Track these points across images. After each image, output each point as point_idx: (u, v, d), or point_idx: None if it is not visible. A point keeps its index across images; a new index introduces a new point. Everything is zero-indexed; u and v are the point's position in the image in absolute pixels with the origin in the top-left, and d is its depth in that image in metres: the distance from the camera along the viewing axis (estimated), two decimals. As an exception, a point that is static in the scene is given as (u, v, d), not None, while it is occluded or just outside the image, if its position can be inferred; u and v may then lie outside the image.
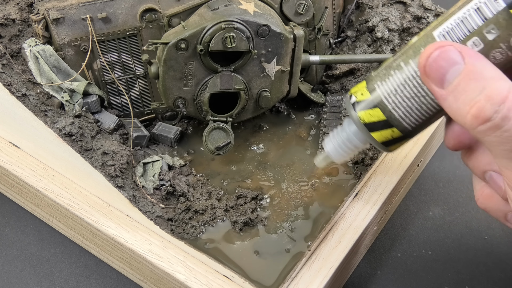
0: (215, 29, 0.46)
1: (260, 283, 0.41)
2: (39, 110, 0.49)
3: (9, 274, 0.49)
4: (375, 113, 0.38)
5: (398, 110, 0.37)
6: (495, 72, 0.31)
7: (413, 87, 0.36)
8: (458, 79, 0.31)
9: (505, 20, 0.32)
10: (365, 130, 0.39)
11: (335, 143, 0.43)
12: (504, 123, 0.30)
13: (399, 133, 0.39)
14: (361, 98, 0.39)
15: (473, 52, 0.32)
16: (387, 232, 0.52)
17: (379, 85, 0.38)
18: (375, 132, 0.39)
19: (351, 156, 0.43)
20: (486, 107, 0.30)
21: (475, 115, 0.30)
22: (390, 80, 0.37)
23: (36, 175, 0.47)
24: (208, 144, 0.50)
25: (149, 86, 0.53)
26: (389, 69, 0.38)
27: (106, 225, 0.44)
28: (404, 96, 0.37)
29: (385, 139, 0.39)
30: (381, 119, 0.38)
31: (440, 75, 0.32)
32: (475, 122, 0.30)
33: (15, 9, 0.53)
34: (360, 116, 0.39)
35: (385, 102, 0.38)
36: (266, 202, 0.48)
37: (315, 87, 0.57)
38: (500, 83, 0.30)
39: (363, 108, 0.39)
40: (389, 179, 0.47)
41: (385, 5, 0.58)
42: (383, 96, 0.38)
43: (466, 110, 0.31)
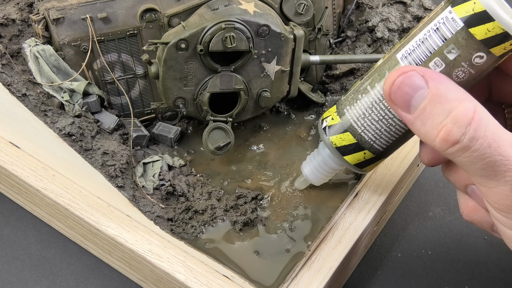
0: (215, 29, 0.46)
1: (260, 283, 0.41)
2: (39, 110, 0.49)
3: (9, 274, 0.49)
4: (345, 137, 0.39)
5: (367, 133, 0.38)
6: (459, 93, 0.31)
7: (380, 110, 0.37)
8: (423, 104, 0.32)
9: (464, 39, 0.32)
10: (338, 154, 0.40)
11: (312, 167, 0.44)
12: (472, 143, 0.30)
13: (371, 155, 0.39)
14: (332, 123, 0.40)
15: (435, 74, 0.32)
16: (387, 232, 0.52)
17: (348, 110, 0.39)
18: (348, 155, 0.40)
19: (329, 178, 0.45)
20: (453, 130, 0.30)
21: (443, 138, 0.31)
22: (358, 104, 0.38)
23: (36, 175, 0.47)
24: (208, 144, 0.50)
25: (149, 86, 0.53)
26: (357, 93, 0.38)
27: (106, 225, 0.44)
28: (373, 119, 0.37)
29: (358, 161, 0.40)
30: (352, 142, 0.39)
31: (405, 101, 0.32)
32: (444, 145, 0.31)
33: (15, 9, 0.53)
34: (331, 140, 0.40)
35: (354, 126, 0.38)
36: (266, 202, 0.48)
37: (315, 87, 0.57)
38: (465, 104, 0.31)
39: (334, 133, 0.40)
40: (389, 179, 0.47)
41: (385, 5, 0.58)
42: (352, 120, 0.38)
43: (434, 134, 0.31)
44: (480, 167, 0.31)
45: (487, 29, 0.31)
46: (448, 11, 0.33)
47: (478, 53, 0.33)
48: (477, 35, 0.32)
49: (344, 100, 0.39)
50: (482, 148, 0.30)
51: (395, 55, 0.36)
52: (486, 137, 0.30)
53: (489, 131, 0.30)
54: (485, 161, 0.30)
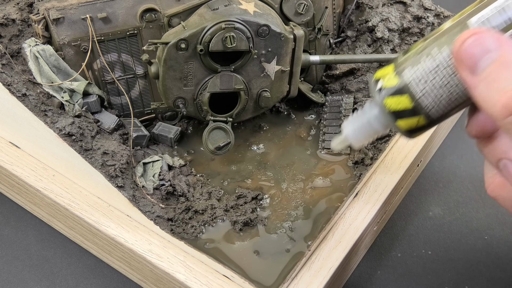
0: (215, 29, 0.46)
1: (260, 283, 0.41)
2: (39, 110, 0.49)
3: (9, 274, 0.49)
4: (403, 100, 0.37)
5: (427, 99, 0.36)
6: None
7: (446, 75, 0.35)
8: (491, 67, 0.30)
9: None
10: (391, 117, 0.38)
11: (355, 127, 0.41)
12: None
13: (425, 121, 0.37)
14: (388, 84, 0.37)
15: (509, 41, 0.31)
16: (387, 232, 0.52)
17: (409, 71, 0.36)
18: (401, 120, 0.37)
19: (369, 141, 0.42)
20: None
21: (505, 105, 0.29)
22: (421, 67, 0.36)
23: (36, 175, 0.47)
24: (208, 144, 0.50)
25: (149, 86, 0.53)
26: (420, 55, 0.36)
27: (106, 225, 0.44)
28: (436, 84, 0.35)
29: (410, 127, 0.38)
30: (408, 107, 0.37)
31: (473, 61, 0.31)
32: (505, 112, 0.29)
33: (15, 9, 0.53)
34: (386, 103, 0.37)
35: (415, 90, 0.36)
36: (266, 202, 0.48)
37: (315, 87, 0.57)
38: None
39: (390, 95, 0.37)
40: (389, 179, 0.47)
41: (385, 5, 0.58)
42: (413, 82, 0.36)
43: (496, 99, 0.30)
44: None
45: None
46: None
47: None
48: None
49: (404, 60, 0.37)
50: None
51: (468, 20, 0.34)
52: None
53: None
54: None
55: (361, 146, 0.43)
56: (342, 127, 0.42)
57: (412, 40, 0.56)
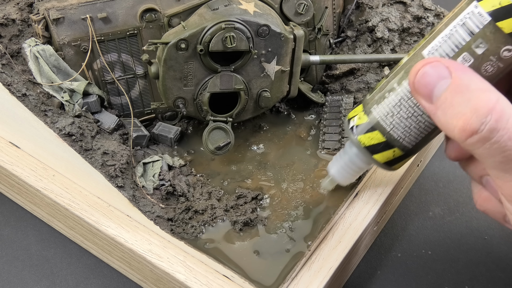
0: (215, 29, 0.46)
1: (260, 283, 0.41)
2: (39, 110, 0.49)
3: (9, 274, 0.49)
4: (374, 135, 0.39)
5: (396, 131, 0.38)
6: (483, 84, 0.31)
7: (408, 107, 0.37)
8: (445, 93, 0.31)
9: (492, 33, 0.32)
10: (367, 153, 0.40)
11: (339, 166, 0.43)
12: (493, 135, 0.30)
13: (401, 152, 0.39)
14: (359, 122, 0.39)
15: (460, 66, 0.32)
16: (387, 232, 0.52)
17: (376, 108, 0.38)
18: (377, 154, 0.40)
19: (356, 177, 0.44)
20: (472, 119, 0.30)
21: (461, 128, 0.30)
22: (385, 102, 0.38)
23: (36, 175, 0.47)
24: (208, 144, 0.50)
25: (149, 86, 0.53)
26: (383, 91, 0.38)
27: (106, 225, 0.44)
28: (401, 117, 0.37)
29: (387, 159, 0.40)
30: (381, 141, 0.39)
31: (428, 90, 0.32)
32: (463, 135, 0.30)
33: (15, 9, 0.53)
34: (360, 139, 0.40)
35: (383, 124, 0.38)
36: (266, 202, 0.48)
37: (315, 87, 0.57)
38: (487, 94, 0.30)
39: (362, 132, 0.39)
40: (389, 179, 0.47)
41: (385, 5, 0.58)
42: (380, 118, 0.38)
43: (453, 124, 0.31)
44: (499, 160, 0.30)
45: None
46: (473, 5, 0.33)
47: (506, 46, 0.32)
48: (505, 28, 0.32)
49: (370, 98, 0.39)
50: (502, 140, 0.29)
51: (421, 52, 0.36)
52: (508, 130, 0.29)
53: (510, 123, 0.29)
54: (505, 154, 0.30)
55: (349, 183, 0.45)
56: (328, 168, 0.44)
57: (412, 40, 0.56)
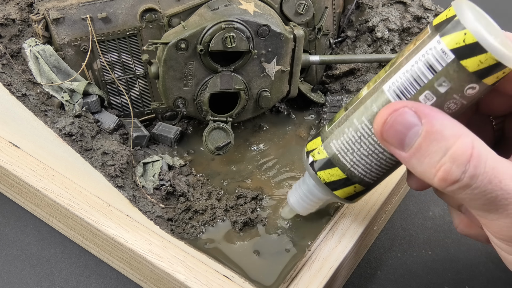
0: (215, 29, 0.46)
1: (260, 283, 0.41)
2: (39, 110, 0.49)
3: (9, 274, 0.49)
4: (334, 172, 0.37)
5: (357, 168, 0.36)
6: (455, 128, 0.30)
7: (369, 145, 0.35)
8: (418, 142, 0.30)
9: (455, 72, 0.31)
10: (327, 189, 0.38)
11: (298, 197, 0.42)
12: (473, 181, 0.29)
13: (362, 188, 0.38)
14: (318, 157, 0.38)
15: (428, 109, 0.31)
16: (387, 232, 0.52)
17: (335, 144, 0.37)
18: (338, 190, 0.38)
19: (316, 207, 0.43)
20: (452, 169, 0.29)
21: (442, 178, 0.30)
22: (345, 138, 0.36)
23: (36, 175, 0.47)
24: (208, 144, 0.50)
25: (149, 86, 0.53)
26: (343, 126, 0.36)
27: (106, 225, 0.44)
28: (362, 154, 0.36)
29: (348, 195, 0.38)
30: (342, 178, 0.37)
31: (399, 139, 0.31)
32: (444, 184, 0.30)
33: (15, 9, 0.53)
34: (319, 176, 0.38)
35: (343, 162, 0.36)
36: (266, 202, 0.48)
37: (315, 87, 0.57)
38: (462, 140, 0.29)
39: (321, 168, 0.38)
40: (389, 179, 0.47)
41: (385, 5, 0.58)
42: (340, 155, 0.36)
43: (432, 173, 0.30)
44: (481, 202, 0.30)
45: (479, 61, 0.30)
46: (436, 41, 0.31)
47: (470, 84, 0.31)
48: (469, 67, 0.30)
49: (329, 132, 0.37)
50: (483, 185, 0.29)
51: (382, 86, 0.34)
52: (487, 173, 0.29)
53: (488, 166, 0.29)
54: (487, 197, 0.30)
55: (308, 213, 0.44)
56: (287, 197, 0.43)
57: (412, 40, 0.56)
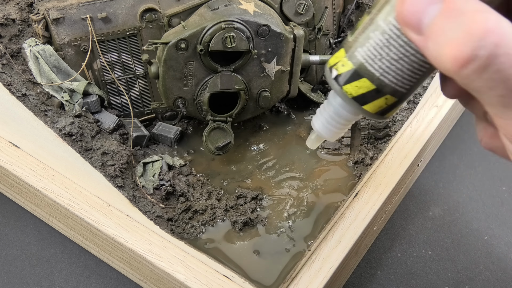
0: (215, 29, 0.46)
1: (260, 283, 0.41)
2: (39, 110, 0.49)
3: (9, 274, 0.49)
4: (362, 84, 0.33)
5: (388, 76, 0.32)
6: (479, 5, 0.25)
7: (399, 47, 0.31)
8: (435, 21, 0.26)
9: None
10: (356, 105, 0.34)
11: (324, 120, 0.38)
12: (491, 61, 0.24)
13: (394, 99, 0.34)
14: (343, 70, 0.34)
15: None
16: (387, 232, 0.52)
17: (360, 52, 0.33)
18: (367, 104, 0.34)
19: (344, 131, 0.39)
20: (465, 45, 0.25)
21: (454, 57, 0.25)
22: (371, 44, 0.32)
23: (36, 175, 0.47)
24: (208, 144, 0.50)
25: (149, 86, 0.53)
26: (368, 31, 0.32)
27: (106, 225, 0.44)
28: (391, 59, 0.32)
29: (380, 108, 0.34)
30: (371, 89, 0.33)
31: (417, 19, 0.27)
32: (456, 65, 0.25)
33: (15, 9, 0.53)
34: (346, 90, 0.34)
35: (371, 70, 0.32)
36: (266, 202, 0.48)
37: (315, 87, 0.57)
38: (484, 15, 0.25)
39: (348, 81, 0.34)
40: (389, 179, 0.47)
41: (385, 5, 0.58)
42: (367, 63, 0.33)
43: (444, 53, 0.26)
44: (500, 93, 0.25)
45: None
46: None
47: None
48: None
49: (353, 41, 0.33)
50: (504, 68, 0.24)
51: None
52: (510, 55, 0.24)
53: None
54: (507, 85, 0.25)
55: (337, 138, 0.40)
56: (312, 123, 0.38)
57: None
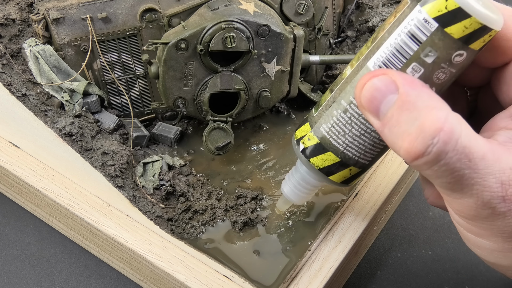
0: (215, 29, 0.46)
1: (260, 283, 0.41)
2: (39, 110, 0.49)
3: (9, 274, 0.49)
4: (327, 157, 0.36)
5: (351, 150, 0.35)
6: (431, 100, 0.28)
7: (360, 125, 0.34)
8: (391, 110, 0.29)
9: (441, 40, 0.30)
10: (322, 175, 0.37)
11: (292, 186, 0.41)
12: (441, 158, 0.28)
13: (357, 169, 0.37)
14: (309, 144, 0.37)
15: (408, 79, 0.29)
16: (387, 232, 0.52)
17: (325, 128, 0.36)
18: (333, 175, 0.37)
19: (311, 195, 0.42)
20: (417, 141, 0.28)
21: (407, 150, 0.28)
22: (334, 120, 0.35)
23: (36, 175, 0.47)
24: (208, 144, 0.50)
25: (149, 86, 0.53)
26: (331, 108, 0.35)
27: (106, 225, 0.44)
28: (354, 135, 0.35)
29: (344, 178, 0.37)
30: (336, 161, 0.36)
31: (374, 106, 0.30)
32: (408, 157, 0.28)
33: (15, 9, 0.53)
34: (313, 162, 0.37)
35: (335, 145, 0.35)
36: (266, 202, 0.48)
37: (315, 87, 0.57)
38: (434, 112, 0.28)
39: (314, 154, 0.37)
40: (389, 179, 0.47)
41: (385, 5, 0.58)
42: (332, 139, 0.35)
43: (399, 144, 0.29)
44: (447, 180, 0.29)
45: (464, 27, 0.29)
46: (417, 10, 0.30)
47: (457, 51, 0.30)
48: (454, 34, 0.30)
49: (317, 117, 0.36)
50: (451, 162, 0.28)
51: (366, 63, 0.33)
52: (457, 151, 0.27)
53: (460, 144, 0.27)
54: (453, 176, 0.28)
55: (303, 202, 0.42)
56: (281, 188, 0.42)
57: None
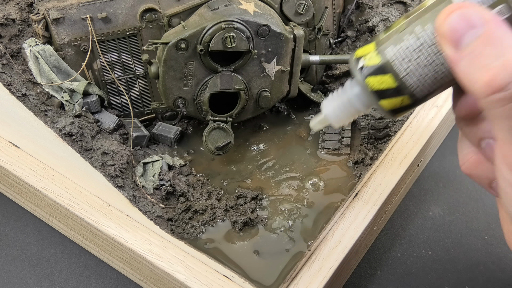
0: (215, 29, 0.46)
1: (260, 283, 0.41)
2: (39, 110, 0.49)
3: (9, 274, 0.49)
4: (385, 79, 0.35)
5: (412, 78, 0.34)
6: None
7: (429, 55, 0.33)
8: (475, 42, 0.29)
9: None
10: (374, 98, 0.36)
11: (335, 106, 0.39)
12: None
13: (409, 101, 0.36)
14: (370, 63, 0.35)
15: (496, 18, 0.30)
16: (387, 232, 0.52)
17: (391, 50, 0.35)
18: (384, 100, 0.36)
19: (350, 120, 0.40)
20: (500, 75, 0.28)
21: (488, 82, 0.28)
22: (404, 45, 0.34)
23: (36, 175, 0.47)
24: (208, 144, 0.50)
25: (149, 86, 0.53)
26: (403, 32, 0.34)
27: (106, 225, 0.44)
28: (419, 64, 0.34)
29: (393, 107, 0.36)
30: (392, 87, 0.35)
31: (457, 36, 0.30)
32: (487, 90, 0.28)
33: (15, 9, 0.53)
34: (368, 82, 0.36)
35: (397, 69, 0.34)
36: (266, 202, 0.48)
37: (315, 87, 0.57)
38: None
39: (372, 74, 0.35)
40: (389, 179, 0.47)
41: (385, 5, 0.58)
42: (395, 62, 0.35)
43: (479, 76, 0.29)
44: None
45: None
46: None
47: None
48: None
49: (385, 38, 0.35)
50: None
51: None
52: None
53: None
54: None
55: (341, 125, 0.41)
56: (322, 106, 0.40)
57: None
